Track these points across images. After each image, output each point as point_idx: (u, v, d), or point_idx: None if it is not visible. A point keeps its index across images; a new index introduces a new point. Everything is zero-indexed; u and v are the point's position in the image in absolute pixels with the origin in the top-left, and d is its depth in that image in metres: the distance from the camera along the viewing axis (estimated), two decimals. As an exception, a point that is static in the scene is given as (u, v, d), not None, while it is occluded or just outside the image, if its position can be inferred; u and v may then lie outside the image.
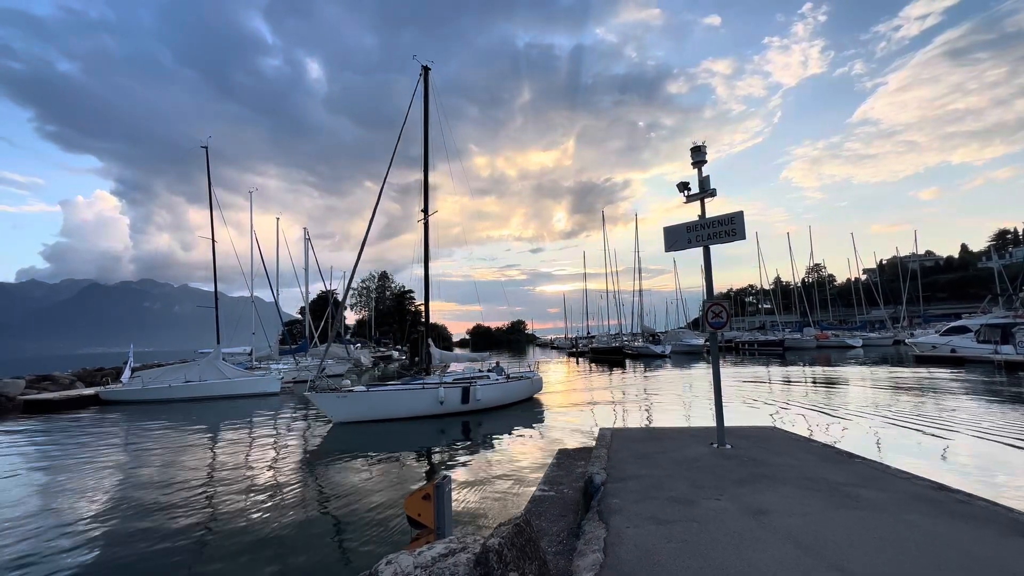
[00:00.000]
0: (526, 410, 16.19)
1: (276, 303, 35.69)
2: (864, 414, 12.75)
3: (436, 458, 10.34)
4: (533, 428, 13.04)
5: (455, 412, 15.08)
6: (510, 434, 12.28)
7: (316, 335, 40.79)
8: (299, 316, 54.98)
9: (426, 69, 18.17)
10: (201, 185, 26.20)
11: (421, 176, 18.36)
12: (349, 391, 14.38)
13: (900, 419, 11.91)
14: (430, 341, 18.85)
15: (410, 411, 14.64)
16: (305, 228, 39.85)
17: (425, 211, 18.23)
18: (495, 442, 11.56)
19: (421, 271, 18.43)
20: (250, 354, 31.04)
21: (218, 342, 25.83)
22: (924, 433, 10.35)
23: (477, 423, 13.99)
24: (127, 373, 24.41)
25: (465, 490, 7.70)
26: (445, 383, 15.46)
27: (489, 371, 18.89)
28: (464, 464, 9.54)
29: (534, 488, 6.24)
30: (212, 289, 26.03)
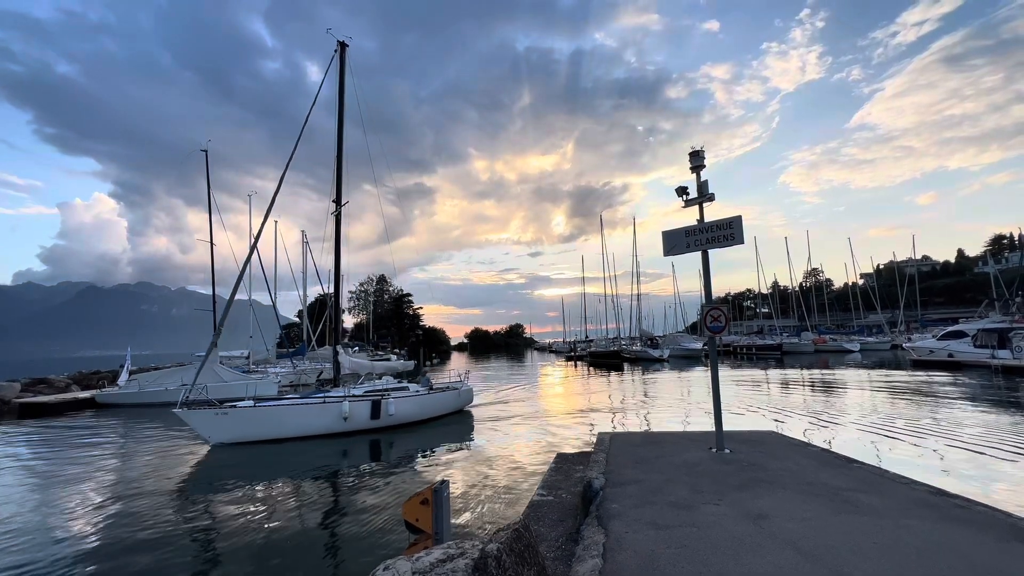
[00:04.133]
0: (451, 426, 14.57)
1: (274, 307, 35.63)
2: (862, 418, 12.75)
3: (334, 483, 9.06)
4: (457, 446, 11.74)
5: (363, 430, 13.41)
6: (430, 453, 11.10)
7: (314, 338, 40.69)
8: (297, 320, 54.86)
9: (342, 45, 16.88)
10: (200, 188, 26.25)
11: (419, 179, 18.44)
12: (232, 406, 12.45)
13: (898, 424, 11.92)
14: (339, 348, 16.72)
15: (307, 429, 12.84)
16: (303, 231, 39.88)
17: (337, 201, 16.43)
18: (480, 448, 11.21)
19: (421, 275, 18.25)
20: (247, 358, 30.95)
21: (215, 345, 25.73)
22: (922, 438, 10.36)
23: (389, 442, 12.43)
24: (124, 376, 24.32)
25: (463, 495, 7.68)
26: (351, 396, 13.61)
27: (411, 382, 17.03)
28: (461, 469, 9.50)
29: (532, 493, 6.21)
30: (210, 292, 26.00)
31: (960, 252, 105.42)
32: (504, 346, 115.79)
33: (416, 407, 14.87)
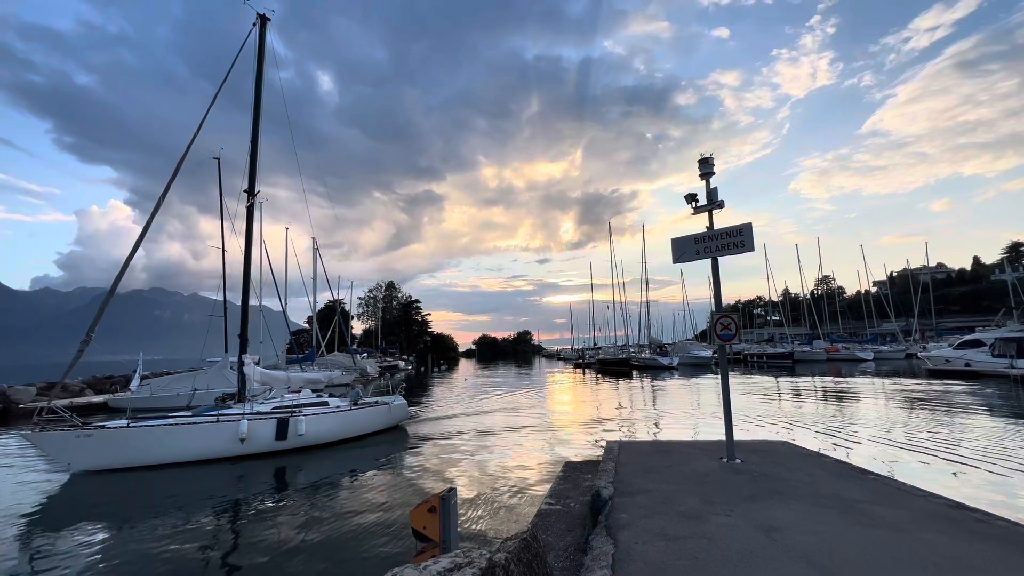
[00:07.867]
0: (377, 446, 12.81)
1: (284, 312, 36.04)
2: (877, 429, 12.51)
3: (223, 516, 7.60)
4: (381, 472, 10.24)
5: (268, 452, 11.69)
6: (347, 482, 9.63)
7: (323, 344, 41.03)
8: (307, 326, 55.32)
9: (263, 18, 15.21)
10: (212, 195, 26.68)
11: (429, 187, 18.15)
12: (99, 427, 10.66)
13: (914, 435, 11.68)
14: (246, 358, 14.81)
15: (194, 453, 11.09)
16: (314, 238, 40.25)
17: (250, 191, 14.94)
18: (498, 455, 10.98)
19: (429, 281, 17.78)
20: (257, 363, 31.22)
21: (226, 351, 26.03)
22: (939, 449, 10.13)
23: (297, 467, 10.79)
24: (136, 381, 24.65)
25: (471, 503, 7.63)
26: (252, 413, 11.89)
27: (333, 395, 15.35)
28: (468, 477, 9.46)
29: (540, 502, 6.17)
30: (221, 298, 26.30)
31: (976, 259, 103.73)
32: (512, 353, 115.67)
33: (335, 425, 13.08)
